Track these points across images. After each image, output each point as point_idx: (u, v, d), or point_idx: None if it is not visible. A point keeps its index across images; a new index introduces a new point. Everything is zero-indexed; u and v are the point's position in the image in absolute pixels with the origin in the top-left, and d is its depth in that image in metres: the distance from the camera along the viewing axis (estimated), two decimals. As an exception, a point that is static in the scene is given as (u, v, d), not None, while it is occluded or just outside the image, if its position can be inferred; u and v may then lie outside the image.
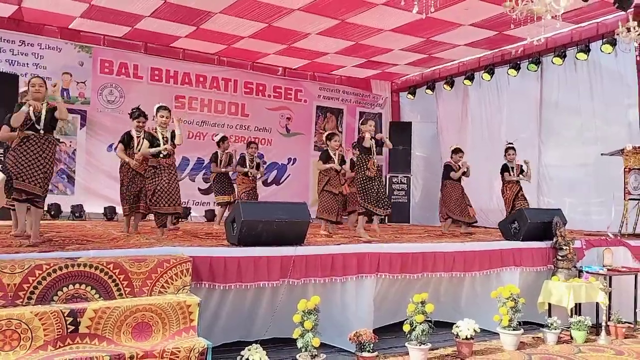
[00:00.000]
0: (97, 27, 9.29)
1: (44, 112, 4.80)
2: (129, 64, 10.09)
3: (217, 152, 8.71)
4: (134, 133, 6.59)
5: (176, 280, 3.98)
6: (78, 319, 3.46)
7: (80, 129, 9.73)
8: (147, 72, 10.27)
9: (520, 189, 8.19)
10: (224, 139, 8.86)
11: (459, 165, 8.36)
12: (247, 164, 8.58)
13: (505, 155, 8.35)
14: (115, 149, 6.94)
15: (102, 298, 3.72)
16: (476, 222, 8.62)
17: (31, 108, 4.75)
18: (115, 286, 3.78)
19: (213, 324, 4.47)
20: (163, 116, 5.99)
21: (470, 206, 8.50)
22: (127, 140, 6.55)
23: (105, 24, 9.05)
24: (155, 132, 6.00)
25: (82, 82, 9.74)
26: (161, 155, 5.89)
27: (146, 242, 5.00)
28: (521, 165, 8.24)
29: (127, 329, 3.59)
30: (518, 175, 8.17)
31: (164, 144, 5.90)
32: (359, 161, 6.52)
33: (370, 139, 6.36)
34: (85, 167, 9.72)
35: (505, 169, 8.25)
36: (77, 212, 9.25)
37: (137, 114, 6.72)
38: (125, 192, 6.38)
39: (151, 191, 5.83)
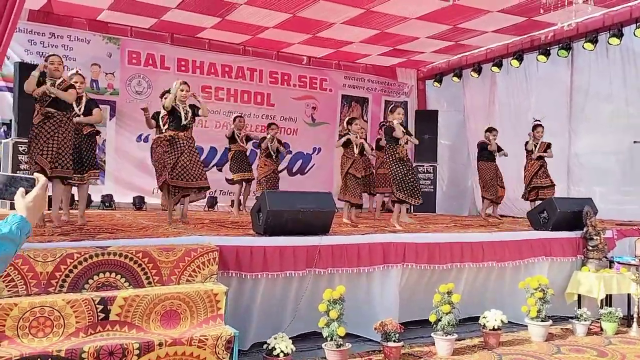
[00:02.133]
0: (124, 19, 9.40)
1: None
2: (155, 55, 10.20)
3: (233, 130, 8.80)
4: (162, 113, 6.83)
5: (203, 269, 4.03)
6: (108, 307, 3.53)
7: (110, 119, 9.88)
8: (174, 63, 10.36)
9: (542, 165, 8.14)
10: (237, 117, 8.99)
11: (496, 144, 8.44)
12: (269, 145, 8.62)
13: (532, 132, 8.32)
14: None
15: (131, 286, 3.80)
16: (499, 202, 8.62)
17: (49, 82, 4.98)
18: (144, 274, 3.86)
19: (244, 315, 4.51)
20: (183, 90, 6.09)
21: (503, 187, 8.52)
22: (156, 118, 6.76)
23: (132, 15, 9.15)
24: (177, 107, 6.09)
25: (110, 74, 9.88)
26: (183, 124, 5.99)
27: (174, 232, 5.07)
28: (548, 143, 8.18)
29: (156, 317, 3.65)
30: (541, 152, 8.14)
31: (185, 117, 6.03)
32: (388, 150, 6.50)
33: (402, 129, 6.35)
34: (114, 157, 9.88)
35: (525, 145, 8.38)
36: (107, 201, 9.43)
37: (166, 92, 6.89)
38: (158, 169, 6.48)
39: (171, 164, 5.86)
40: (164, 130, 6.65)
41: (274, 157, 8.75)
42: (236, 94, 11.01)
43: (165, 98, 6.25)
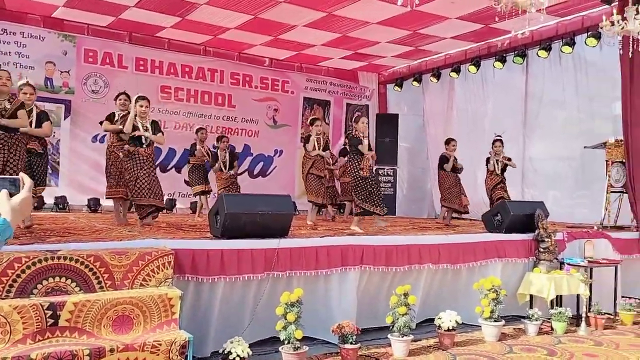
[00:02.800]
0: (81, 16, 9.18)
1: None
2: (113, 53, 9.99)
3: (194, 143, 8.78)
4: (118, 112, 6.64)
5: (158, 273, 3.96)
6: (58, 312, 3.43)
7: (64, 119, 9.62)
8: (132, 62, 10.17)
9: (502, 180, 8.35)
10: (199, 129, 8.93)
11: (454, 156, 8.58)
12: (219, 160, 8.52)
13: (492, 148, 8.49)
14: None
15: (82, 291, 3.70)
16: (467, 212, 8.77)
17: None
18: (96, 279, 3.76)
19: (203, 320, 4.45)
20: (142, 106, 5.96)
21: (464, 195, 8.69)
22: (112, 118, 6.59)
23: (89, 13, 8.94)
24: (135, 122, 5.96)
25: (65, 72, 9.62)
26: (144, 145, 5.88)
27: (128, 235, 4.97)
28: (509, 158, 8.39)
29: (108, 322, 3.57)
30: (500, 169, 8.33)
31: (145, 139, 5.91)
32: (351, 162, 6.53)
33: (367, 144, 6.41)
34: (69, 158, 9.63)
35: (487, 160, 8.46)
36: (61, 203, 9.18)
37: (122, 94, 6.75)
38: (107, 177, 6.43)
39: (132, 181, 5.79)
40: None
41: (225, 171, 8.64)
42: (196, 94, 10.89)
43: (117, 122, 6.20)
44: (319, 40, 10.06)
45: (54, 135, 9.51)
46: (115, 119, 6.59)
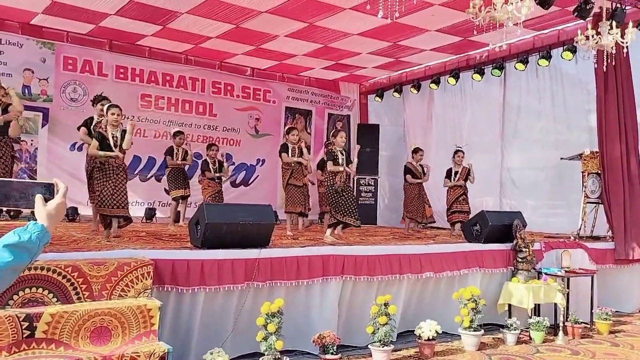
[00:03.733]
0: (60, 24, 9.08)
1: None
2: (93, 61, 9.89)
3: (172, 146, 8.63)
4: (96, 119, 6.56)
5: (137, 283, 3.92)
6: (34, 324, 3.38)
7: (42, 127, 9.49)
8: (112, 70, 10.08)
9: (464, 192, 8.39)
10: (177, 133, 8.72)
11: (420, 165, 8.63)
12: (210, 167, 8.51)
13: (453, 158, 8.58)
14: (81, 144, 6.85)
15: (60, 302, 3.64)
16: (432, 222, 8.84)
17: None
18: (74, 290, 3.71)
19: (184, 332, 4.40)
20: (114, 114, 5.78)
21: (429, 206, 8.74)
22: (89, 124, 6.51)
23: (68, 20, 8.85)
24: (106, 131, 5.81)
25: (44, 79, 9.49)
26: (114, 148, 5.80)
27: (107, 245, 4.91)
28: (468, 169, 8.44)
29: (86, 334, 3.52)
30: (461, 180, 8.39)
31: (114, 144, 5.76)
32: (328, 174, 6.56)
33: (342, 158, 6.45)
34: (47, 167, 9.46)
35: (447, 174, 8.52)
36: (38, 212, 9.01)
37: (100, 98, 6.66)
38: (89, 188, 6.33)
39: (98, 191, 5.69)
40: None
41: (216, 181, 8.63)
42: (177, 103, 10.83)
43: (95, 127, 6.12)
44: (301, 51, 10.11)
45: (31, 143, 9.41)
46: (93, 126, 6.52)
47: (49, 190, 1.56)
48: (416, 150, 8.91)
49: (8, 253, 1.41)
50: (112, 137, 5.76)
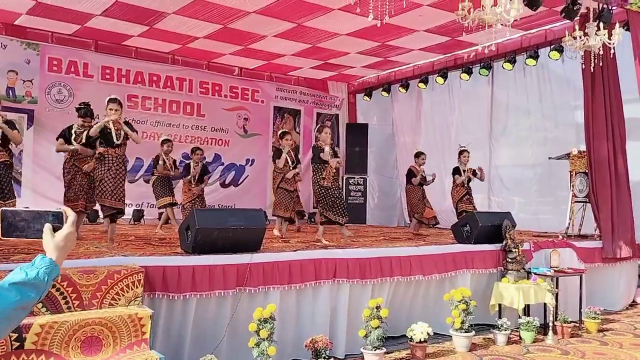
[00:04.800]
0: (44, 24, 8.96)
1: None
2: (78, 62, 9.78)
3: (159, 154, 8.42)
4: (75, 129, 6.46)
5: (127, 292, 3.88)
6: (23, 335, 3.32)
7: (27, 129, 9.36)
8: (98, 71, 9.98)
9: (468, 192, 8.49)
10: (166, 140, 8.57)
11: (423, 170, 8.68)
12: (192, 172, 8.36)
13: (459, 158, 8.63)
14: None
15: (49, 312, 3.59)
16: (435, 224, 8.88)
17: None
18: (64, 299, 3.66)
19: (177, 339, 4.36)
20: (112, 109, 5.78)
21: (430, 208, 8.80)
22: (67, 135, 6.41)
23: (53, 21, 8.73)
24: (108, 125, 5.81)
25: (29, 81, 9.37)
26: (114, 144, 5.76)
27: (96, 251, 4.85)
28: (474, 170, 8.52)
29: (76, 344, 3.47)
30: (468, 179, 8.48)
31: (117, 137, 5.76)
32: (314, 171, 6.55)
33: (329, 150, 6.42)
34: (33, 169, 9.35)
35: (456, 171, 8.56)
36: (24, 216, 8.89)
37: (84, 112, 6.56)
38: (65, 190, 6.27)
39: (97, 181, 5.69)
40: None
41: (193, 185, 8.43)
42: (164, 103, 10.75)
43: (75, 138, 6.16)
44: (289, 50, 10.07)
45: (17, 146, 9.26)
46: (73, 137, 6.45)
47: (57, 219, 1.51)
48: (418, 154, 8.93)
49: (15, 292, 1.35)
50: (115, 127, 5.76)
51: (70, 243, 1.51)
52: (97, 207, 6.24)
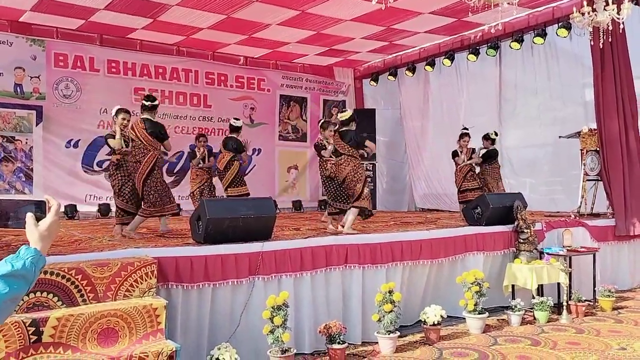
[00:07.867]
0: (49, 20, 8.97)
1: None
2: (84, 56, 9.80)
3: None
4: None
5: (141, 283, 3.91)
6: (41, 328, 3.37)
7: (36, 125, 9.42)
8: (104, 65, 9.99)
9: (470, 169, 8.49)
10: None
11: (470, 149, 8.69)
12: (197, 156, 8.36)
13: (458, 141, 8.58)
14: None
15: (65, 305, 3.63)
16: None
17: None
18: (78, 292, 3.70)
19: (195, 328, 4.39)
20: (125, 119, 6.07)
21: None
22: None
23: (57, 17, 8.74)
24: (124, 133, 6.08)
25: (36, 77, 9.41)
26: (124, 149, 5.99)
27: (109, 245, 4.90)
28: (472, 149, 8.52)
29: (93, 336, 3.52)
30: (467, 159, 8.48)
31: (127, 145, 6.01)
32: (319, 164, 6.74)
33: (331, 148, 6.40)
34: (43, 165, 9.42)
35: (455, 154, 8.64)
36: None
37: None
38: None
39: (118, 187, 5.98)
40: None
41: (204, 168, 8.37)
42: (171, 95, 10.76)
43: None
44: (294, 38, 10.02)
45: (26, 142, 9.34)
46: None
47: (40, 209, 1.48)
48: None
49: (3, 284, 1.34)
50: (124, 139, 6.06)
51: (54, 232, 1.49)
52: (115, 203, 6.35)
